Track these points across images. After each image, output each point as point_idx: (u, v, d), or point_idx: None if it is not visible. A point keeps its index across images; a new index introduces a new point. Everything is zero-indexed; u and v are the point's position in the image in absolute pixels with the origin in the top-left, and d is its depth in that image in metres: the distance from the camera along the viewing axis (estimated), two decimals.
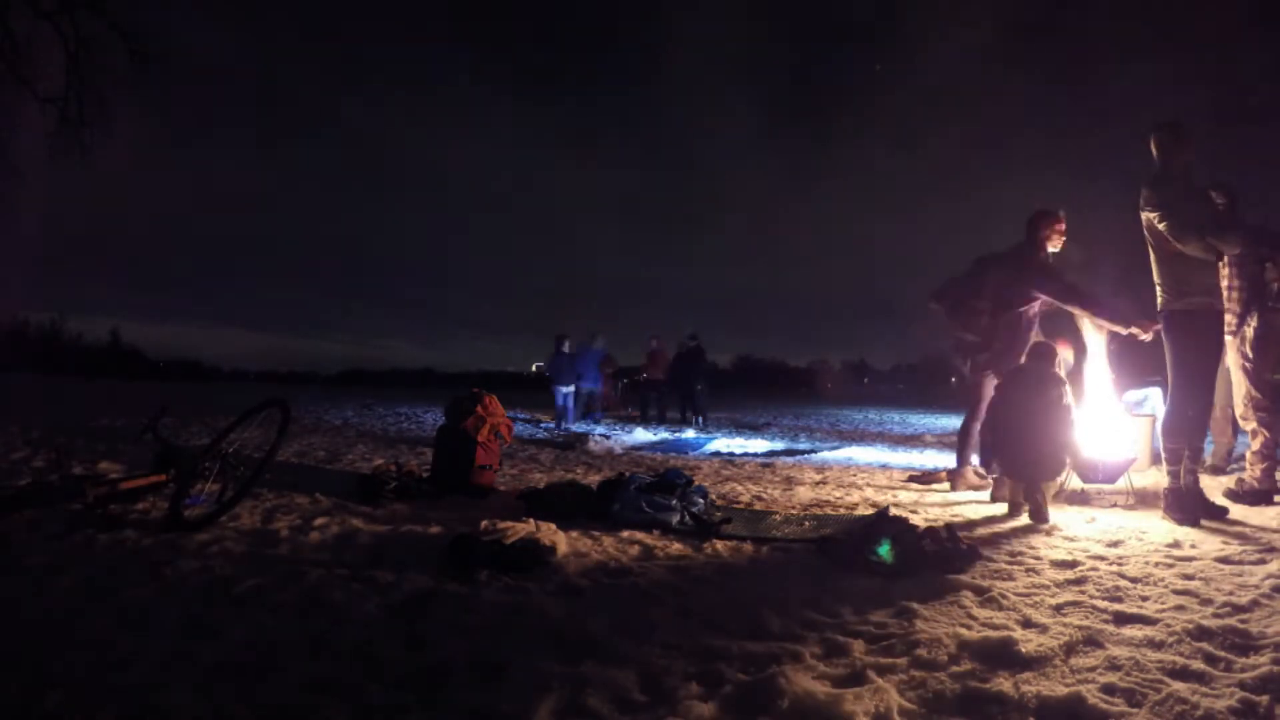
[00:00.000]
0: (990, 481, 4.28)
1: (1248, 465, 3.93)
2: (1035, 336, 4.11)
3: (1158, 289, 3.36)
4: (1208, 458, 4.72)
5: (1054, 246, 4.06)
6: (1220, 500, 3.60)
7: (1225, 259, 3.98)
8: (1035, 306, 4.06)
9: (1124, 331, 3.71)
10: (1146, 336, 3.61)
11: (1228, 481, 4.17)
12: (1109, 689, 1.46)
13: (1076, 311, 3.95)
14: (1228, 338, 4.04)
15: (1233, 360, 4.08)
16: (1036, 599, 2.08)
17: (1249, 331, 3.96)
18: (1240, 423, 4.08)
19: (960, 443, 4.47)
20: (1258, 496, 3.72)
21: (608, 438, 7.88)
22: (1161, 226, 3.24)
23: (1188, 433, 3.25)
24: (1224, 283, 4.01)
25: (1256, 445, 3.89)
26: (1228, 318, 3.98)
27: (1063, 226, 4.03)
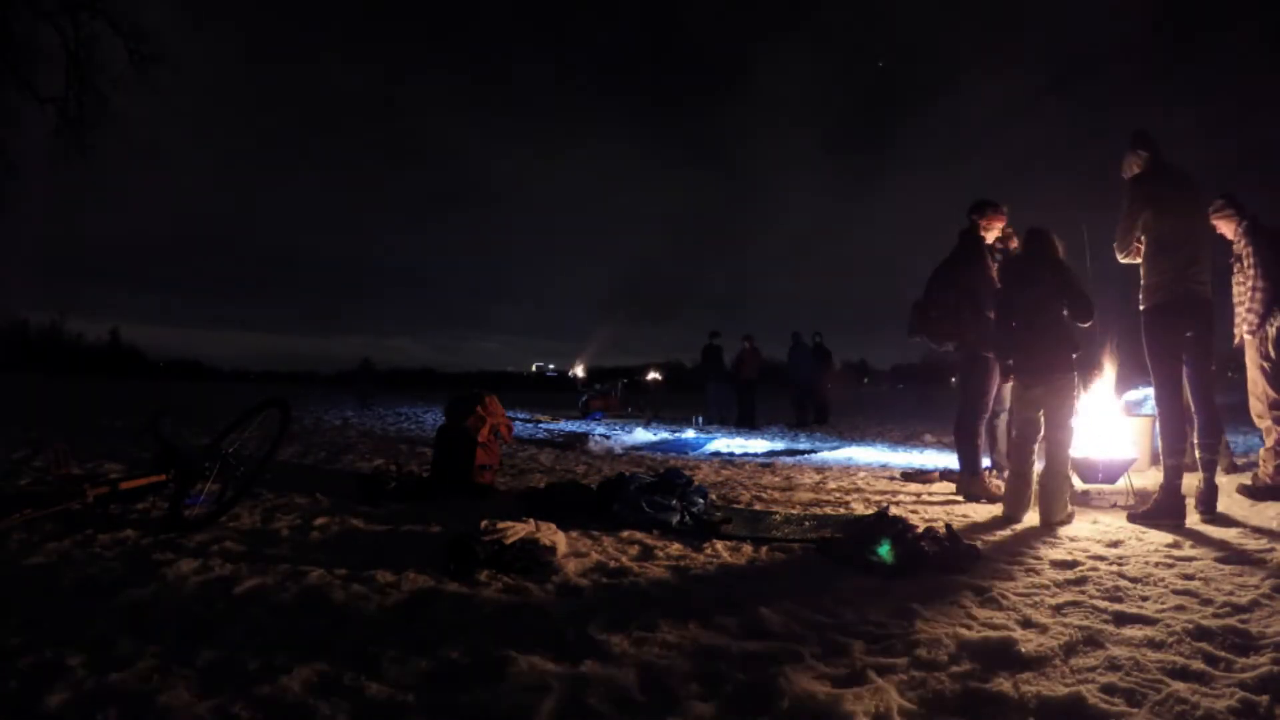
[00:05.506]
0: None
1: (1261, 462, 3.95)
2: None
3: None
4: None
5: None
6: (1235, 498, 3.68)
7: (1247, 261, 3.99)
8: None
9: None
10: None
11: (1238, 478, 4.20)
12: (1109, 689, 1.46)
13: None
14: (1247, 337, 4.05)
15: (1251, 359, 4.09)
16: (1036, 599, 2.08)
17: (1271, 331, 3.96)
18: (1255, 420, 4.11)
19: (968, 444, 4.18)
20: (1271, 493, 3.74)
21: (608, 438, 7.88)
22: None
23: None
24: (1247, 283, 4.00)
25: (1270, 442, 3.92)
26: (1250, 317, 3.99)
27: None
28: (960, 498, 4.11)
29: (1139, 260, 3.49)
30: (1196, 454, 3.42)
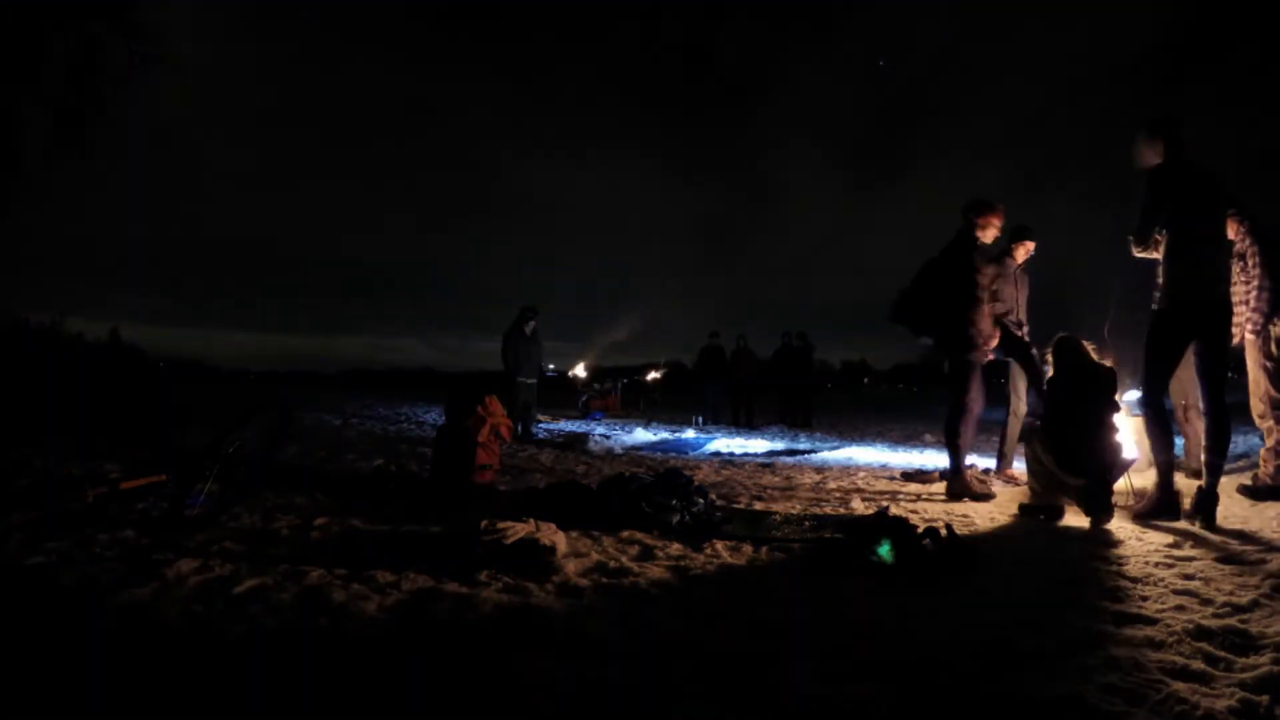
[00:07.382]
0: (991, 484, 4.28)
1: (1261, 462, 3.95)
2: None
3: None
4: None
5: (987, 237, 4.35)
6: (1235, 497, 3.70)
7: (1251, 260, 3.96)
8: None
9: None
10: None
11: (1238, 478, 4.20)
12: (1109, 689, 1.46)
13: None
14: (1249, 337, 4.01)
15: (1253, 359, 4.07)
16: (1037, 599, 2.08)
17: (1275, 330, 3.95)
18: (1256, 420, 4.11)
19: (951, 443, 4.30)
20: (1271, 493, 3.74)
21: (608, 438, 7.88)
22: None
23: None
24: (1251, 283, 3.96)
25: (1271, 442, 3.92)
26: (1255, 317, 3.94)
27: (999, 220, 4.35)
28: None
29: (1157, 255, 3.40)
30: (1202, 458, 3.34)
